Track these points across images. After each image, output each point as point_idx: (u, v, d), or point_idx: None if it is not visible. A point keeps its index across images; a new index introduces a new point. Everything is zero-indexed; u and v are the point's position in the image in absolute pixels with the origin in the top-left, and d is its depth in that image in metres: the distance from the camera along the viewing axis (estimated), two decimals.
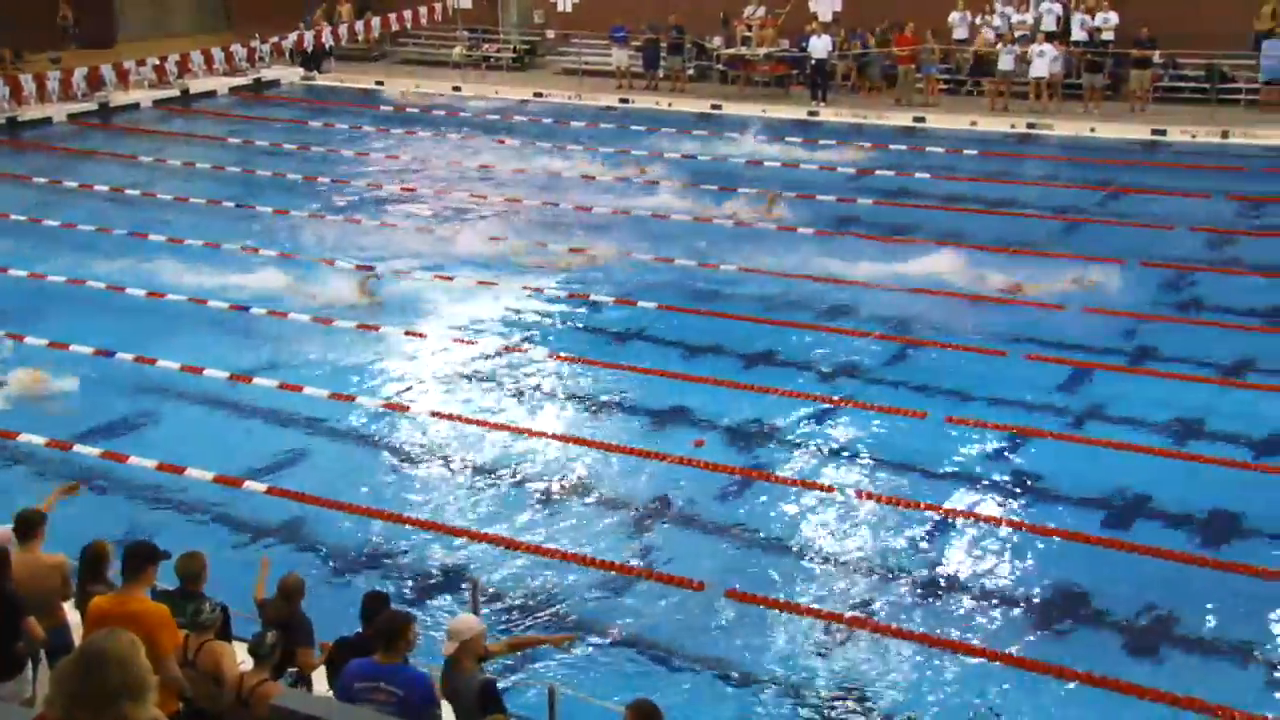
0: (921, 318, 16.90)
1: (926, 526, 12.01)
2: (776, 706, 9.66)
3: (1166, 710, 9.30)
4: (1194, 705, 9.29)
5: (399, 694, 7.07)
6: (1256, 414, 13.90)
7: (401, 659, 7.38)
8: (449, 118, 30.96)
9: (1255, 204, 21.59)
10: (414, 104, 32.44)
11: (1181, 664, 9.98)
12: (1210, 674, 9.82)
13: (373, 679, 7.17)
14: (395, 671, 7.20)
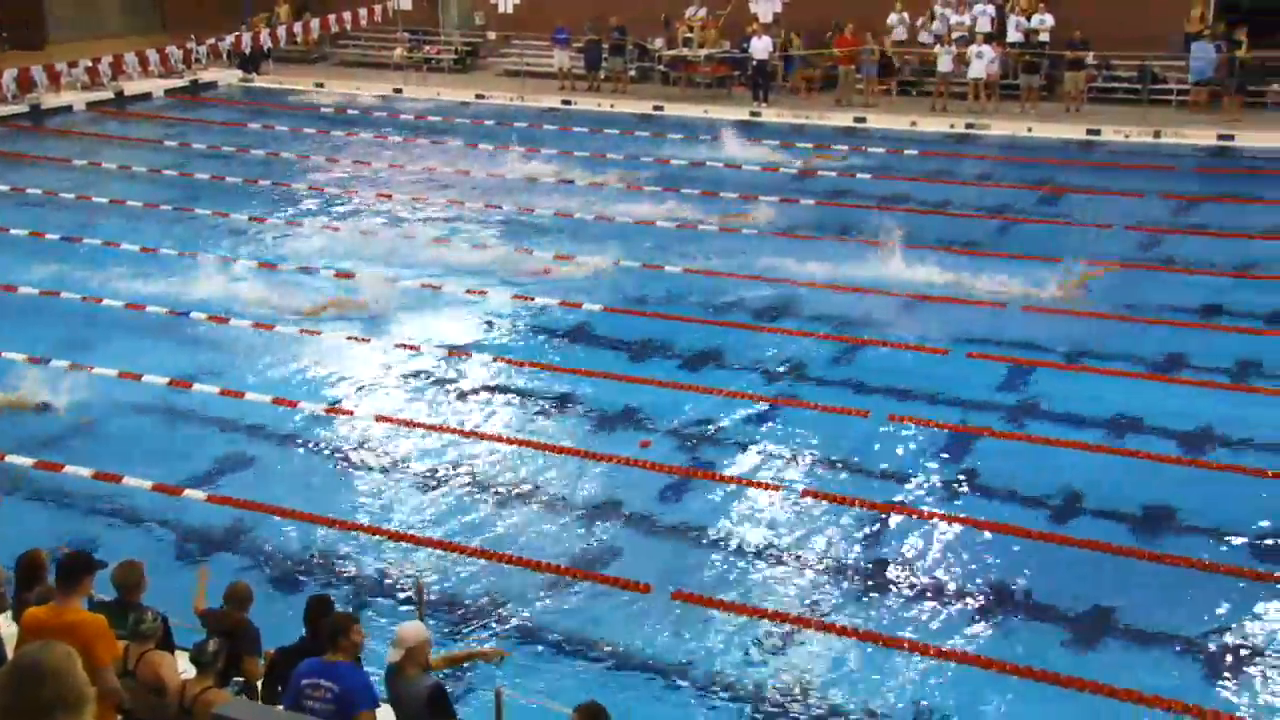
0: (864, 317, 17.03)
1: (870, 524, 12.10)
2: (724, 707, 9.68)
3: (1106, 703, 9.43)
4: (1132, 697, 9.43)
5: (335, 689, 7.17)
6: (1191, 410, 14.11)
7: (348, 658, 7.44)
8: (390, 119, 30.77)
9: (1187, 203, 21.94)
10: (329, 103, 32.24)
11: (1121, 657, 10.11)
12: (1150, 666, 9.96)
13: (316, 676, 7.28)
14: (337, 669, 7.30)
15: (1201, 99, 26.91)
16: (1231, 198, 22.11)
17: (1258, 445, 13.27)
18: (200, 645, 7.62)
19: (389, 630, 10.17)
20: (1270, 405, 14.20)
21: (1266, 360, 15.24)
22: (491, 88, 33.06)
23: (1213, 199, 22.18)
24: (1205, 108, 26.81)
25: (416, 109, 31.76)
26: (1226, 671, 9.89)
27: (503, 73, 34.80)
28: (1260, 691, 9.65)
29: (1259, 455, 13.05)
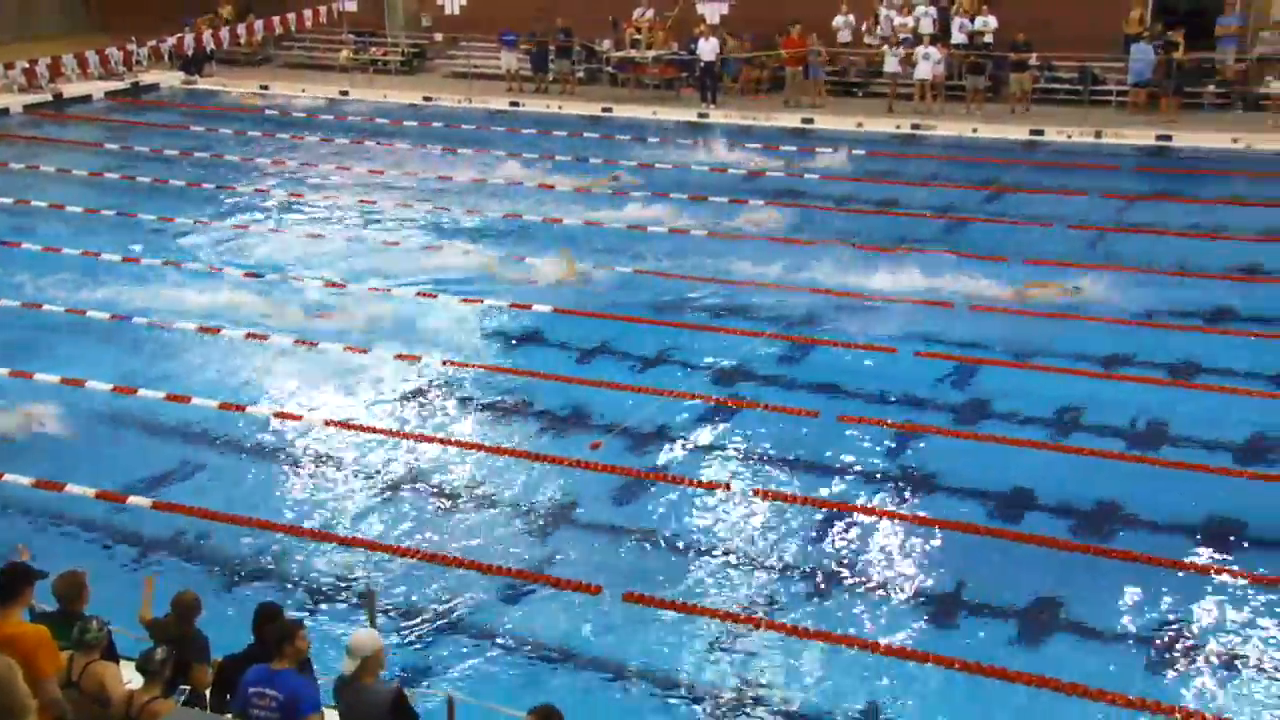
0: (813, 317, 17.10)
1: (820, 523, 12.14)
2: (677, 708, 9.68)
3: (1054, 697, 9.51)
4: (1078, 691, 9.52)
5: (279, 698, 7.21)
6: (1134, 406, 14.28)
7: (293, 665, 7.44)
8: (337, 122, 30.55)
9: (1128, 201, 22.21)
10: (274, 105, 32.00)
11: (1068, 651, 10.19)
12: (1095, 660, 10.05)
13: (262, 685, 7.30)
14: (281, 677, 7.31)
15: (1140, 100, 27.28)
16: (1170, 196, 22.41)
17: (1199, 441, 13.44)
18: (147, 654, 7.52)
19: (342, 635, 10.17)
20: (1211, 401, 14.39)
21: (1207, 357, 15.44)
22: (439, 90, 32.92)
23: (1152, 198, 22.47)
24: (1144, 108, 27.19)
25: (364, 111, 31.56)
26: (1170, 663, 10.00)
27: (450, 74, 34.66)
28: (1203, 683, 9.76)
29: (1201, 451, 13.22)
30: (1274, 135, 25.12)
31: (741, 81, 31.18)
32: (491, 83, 33.07)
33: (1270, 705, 9.49)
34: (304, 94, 33.36)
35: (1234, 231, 20.07)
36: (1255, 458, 13.11)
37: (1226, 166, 24.06)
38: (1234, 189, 22.60)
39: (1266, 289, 17.41)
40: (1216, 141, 25.23)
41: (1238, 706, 9.45)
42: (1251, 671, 9.87)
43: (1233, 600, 10.72)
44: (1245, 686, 9.71)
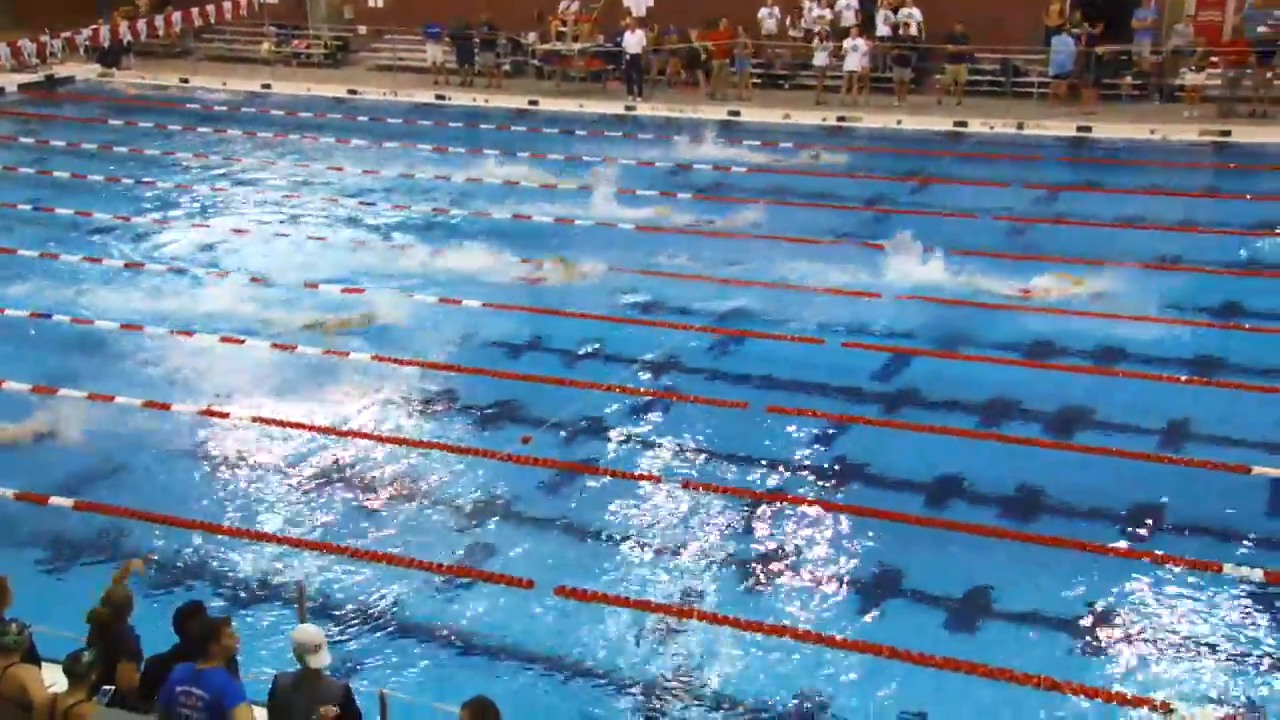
0: (741, 309, 17.16)
1: (751, 514, 12.19)
2: (611, 700, 9.68)
3: (983, 683, 9.63)
4: (1005, 675, 9.65)
5: (205, 697, 7.17)
6: (1059, 394, 14.50)
7: (220, 663, 7.38)
8: (260, 115, 30.14)
9: (1050, 192, 22.54)
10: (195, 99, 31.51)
11: (997, 636, 10.32)
12: (1024, 644, 10.19)
13: (188, 684, 7.25)
14: (208, 676, 7.26)
15: (1061, 91, 27.70)
16: (1090, 187, 22.78)
17: (1122, 427, 13.68)
18: (74, 656, 7.40)
19: (272, 633, 10.06)
20: (1132, 388, 14.65)
21: (1129, 344, 15.72)
22: (363, 83, 32.60)
23: (1073, 188, 22.81)
24: (1064, 100, 27.59)
25: (287, 105, 31.16)
26: (1097, 647, 10.17)
27: (375, 67, 34.35)
28: (1129, 665, 9.94)
29: (1124, 437, 13.45)
30: (1189, 126, 25.62)
31: (668, 74, 31.19)
32: (417, 76, 32.80)
33: (1192, 684, 9.67)
34: (225, 87, 32.88)
35: (1152, 221, 20.43)
36: (1176, 444, 13.36)
37: (1144, 156, 24.49)
38: (1151, 179, 23.01)
39: (1184, 277, 17.74)
40: (1134, 132, 25.67)
41: (1162, 687, 9.63)
42: (1174, 652, 10.05)
43: (1155, 583, 10.92)
44: (1169, 667, 9.90)
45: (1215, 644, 10.11)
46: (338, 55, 35.28)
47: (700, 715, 9.48)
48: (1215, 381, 14.71)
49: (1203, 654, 10.01)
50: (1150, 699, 9.44)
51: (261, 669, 8.73)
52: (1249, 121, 25.49)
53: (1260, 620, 10.38)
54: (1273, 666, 9.82)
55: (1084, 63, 27.31)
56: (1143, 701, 9.42)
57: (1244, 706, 9.37)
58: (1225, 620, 10.41)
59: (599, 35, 31.66)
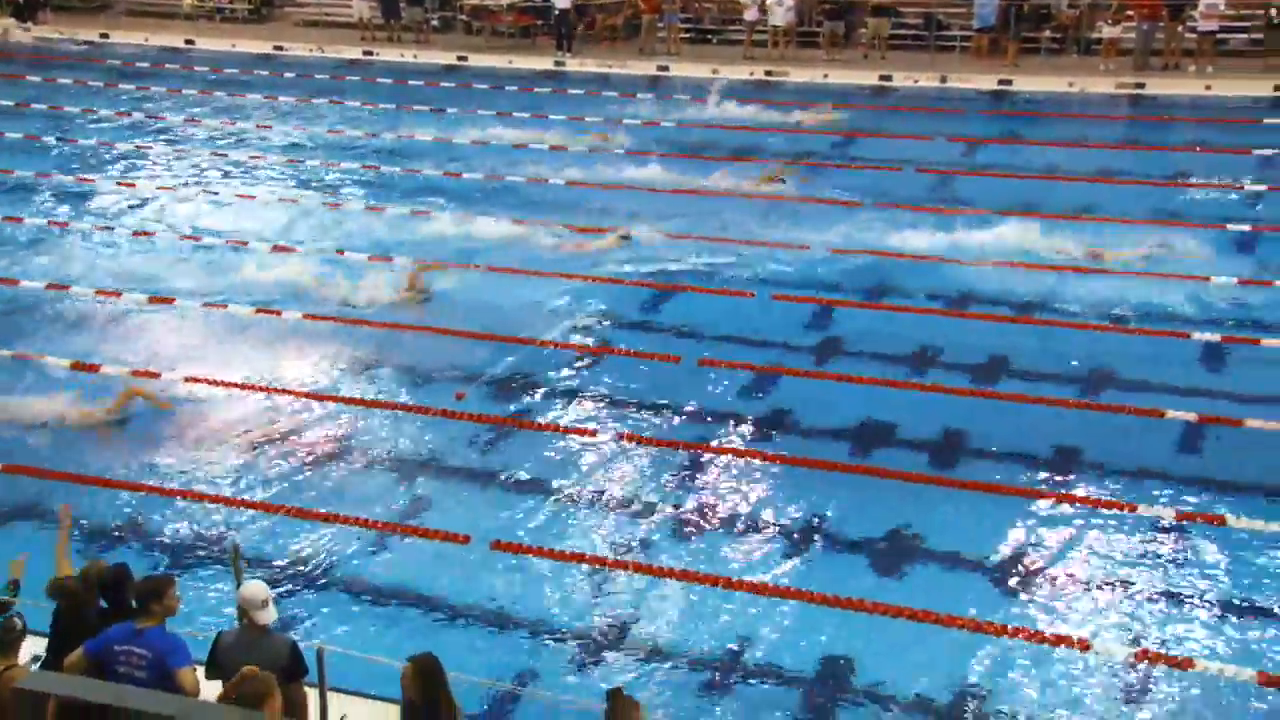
0: (673, 264, 17.14)
1: (684, 465, 12.26)
2: (550, 652, 9.71)
3: (909, 625, 9.79)
4: (930, 618, 9.82)
5: (148, 656, 7.08)
6: (979, 343, 14.68)
7: (159, 623, 7.29)
8: (184, 72, 29.50)
9: (972, 145, 22.71)
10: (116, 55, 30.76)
11: (922, 579, 10.47)
12: (947, 587, 10.35)
13: (129, 643, 7.15)
14: (149, 635, 7.17)
15: (983, 45, 27.85)
16: (1012, 139, 22.96)
17: (1043, 375, 13.89)
18: (5, 625, 7.28)
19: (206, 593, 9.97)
20: (1054, 336, 14.87)
21: (1050, 295, 15.94)
22: (290, 39, 31.99)
23: (995, 140, 22.98)
24: (986, 54, 27.75)
25: (211, 61, 30.51)
26: (1019, 587, 10.36)
27: (300, 23, 33.71)
28: (1049, 603, 10.15)
29: (1044, 384, 13.66)
30: (1106, 79, 25.90)
31: (598, 29, 30.94)
32: (344, 31, 32.25)
33: (1108, 620, 9.91)
34: (147, 43, 32.11)
35: (1071, 172, 20.67)
36: (1092, 390, 13.60)
37: (1063, 109, 24.73)
38: (1071, 131, 23.26)
39: (1102, 228, 17.98)
40: (1053, 85, 25.88)
41: (1080, 624, 9.85)
42: (1092, 590, 10.28)
43: (1074, 524, 11.13)
44: (1087, 605, 10.12)
45: (1130, 581, 10.35)
46: (262, 10, 34.56)
47: (636, 663, 9.55)
48: (1132, 329, 14.97)
49: (1119, 591, 10.25)
50: (1069, 636, 9.66)
51: (190, 629, 8.64)
52: (1162, 74, 25.81)
53: (1172, 557, 10.65)
54: (1183, 601, 10.09)
55: (1005, 17, 27.48)
56: (1062, 639, 9.64)
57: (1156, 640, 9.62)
58: (1140, 558, 10.66)
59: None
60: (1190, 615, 9.94)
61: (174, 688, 7.03)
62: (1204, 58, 25.73)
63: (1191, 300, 15.59)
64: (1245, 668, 9.27)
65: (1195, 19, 25.85)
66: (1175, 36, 26.28)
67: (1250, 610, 9.94)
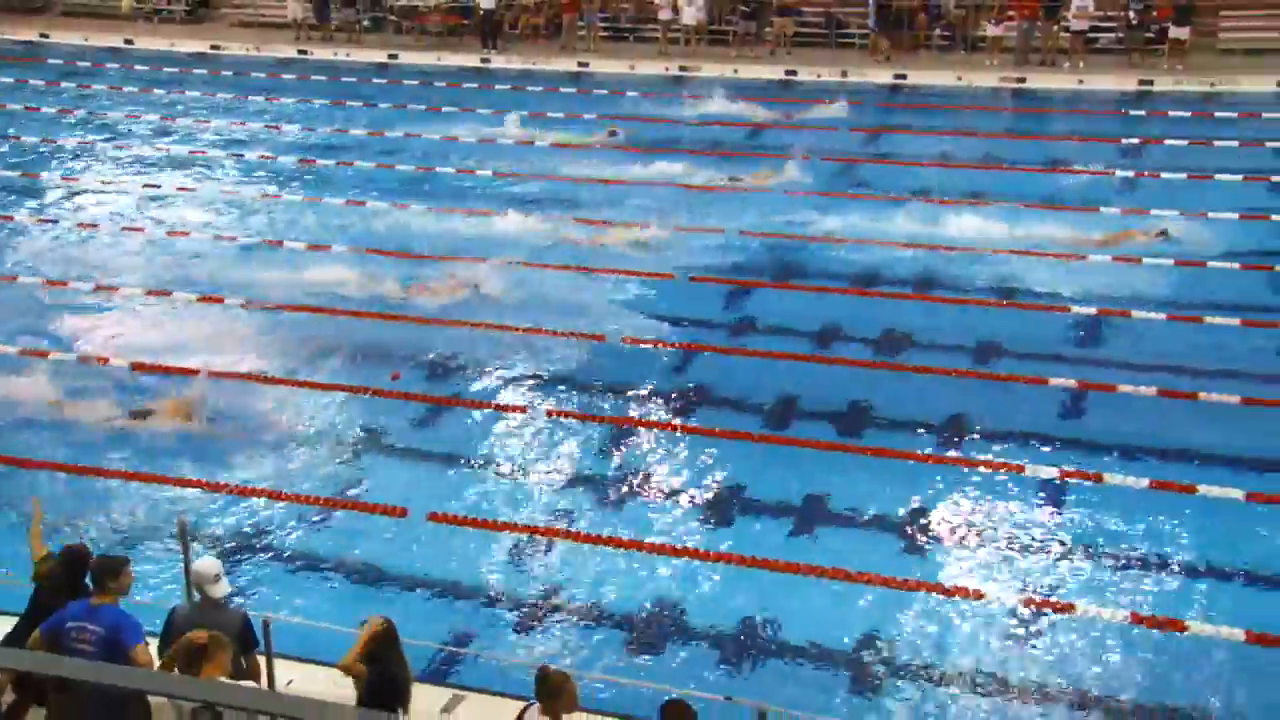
0: (597, 250, 17.03)
1: (610, 439, 12.22)
2: (486, 615, 9.67)
3: (819, 583, 9.86)
4: (841, 575, 9.90)
5: (100, 632, 6.88)
6: (882, 319, 14.79)
7: (114, 600, 7.10)
8: (124, 71, 28.70)
9: (872, 134, 22.83)
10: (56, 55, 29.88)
11: (831, 540, 10.56)
12: (855, 546, 10.44)
13: (82, 619, 6.96)
14: (102, 612, 6.98)
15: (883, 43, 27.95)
16: (907, 129, 23.09)
17: (940, 347, 14.04)
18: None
19: (156, 571, 9.75)
20: (947, 312, 15.04)
21: (943, 273, 16.10)
22: (226, 39, 31.21)
23: (892, 130, 23.11)
24: (882, 50, 27.88)
25: (150, 60, 29.72)
26: (920, 544, 10.49)
27: (236, 23, 32.89)
28: (948, 558, 10.30)
29: (940, 355, 13.82)
30: (991, 73, 26.16)
31: (521, 28, 30.62)
32: (278, 31, 31.56)
33: (1001, 572, 10.06)
34: (87, 42, 31.16)
35: (961, 160, 20.87)
36: (985, 360, 13.78)
37: (952, 101, 24.94)
38: (960, 121, 23.48)
39: (990, 210, 18.16)
40: (943, 79, 26.09)
41: (976, 576, 10.00)
42: (986, 544, 10.44)
43: (969, 485, 11.29)
44: (982, 558, 10.28)
45: (1019, 535, 10.53)
46: (198, 11, 33.68)
47: (568, 625, 9.52)
48: (1018, 304, 15.18)
49: (1009, 545, 10.41)
50: (965, 587, 9.80)
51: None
52: (1040, 69, 26.16)
53: (1057, 512, 10.84)
54: (1068, 553, 10.28)
55: (897, 16, 27.64)
56: (958, 590, 9.77)
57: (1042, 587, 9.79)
58: (1027, 514, 10.84)
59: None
60: (1072, 565, 10.14)
61: (127, 664, 6.84)
62: (1077, 55, 26.15)
63: (1071, 277, 15.84)
64: (1119, 610, 9.48)
65: (1068, 19, 26.27)
66: (1051, 35, 26.65)
67: (1124, 559, 10.17)
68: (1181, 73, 24.92)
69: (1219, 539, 10.34)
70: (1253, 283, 15.51)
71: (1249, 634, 9.11)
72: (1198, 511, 10.70)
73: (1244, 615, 9.33)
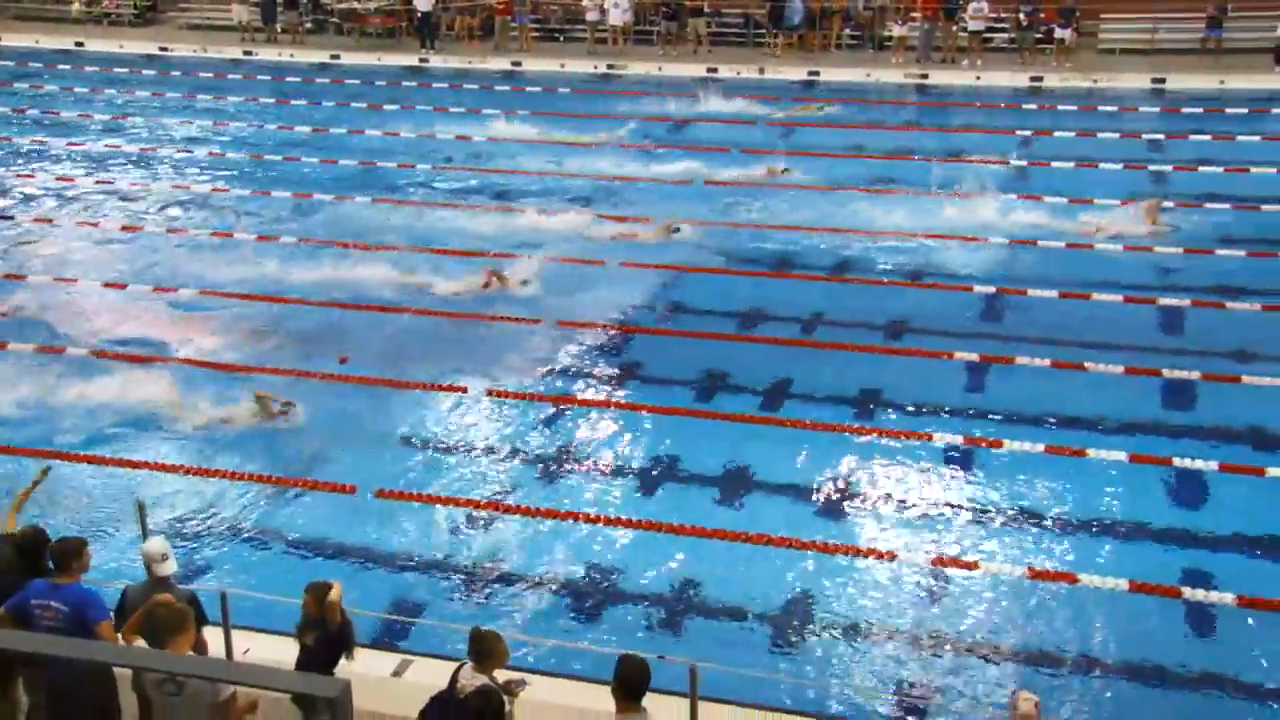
0: (531, 239, 16.88)
1: (547, 416, 12.14)
2: (430, 586, 9.58)
3: (744, 548, 9.88)
4: (763, 540, 9.94)
5: (65, 610, 6.75)
6: (800, 300, 14.84)
7: (75, 579, 6.94)
8: (75, 73, 27.91)
9: (787, 129, 22.87)
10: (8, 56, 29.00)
11: (755, 506, 10.60)
12: (777, 512, 10.49)
13: (46, 597, 6.80)
14: (66, 590, 6.84)
15: (793, 42, 28.07)
16: (821, 123, 23.16)
17: (852, 324, 14.13)
18: None
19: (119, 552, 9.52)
20: (860, 294, 15.13)
21: (856, 256, 16.20)
22: (174, 41, 30.49)
23: (806, 124, 23.14)
24: (796, 48, 27.99)
25: (101, 61, 28.92)
26: (837, 510, 10.55)
27: (184, 26, 32.12)
28: (862, 522, 10.38)
29: (853, 332, 13.90)
30: (896, 70, 26.35)
31: (457, 30, 30.24)
32: (224, 34, 30.86)
33: (912, 534, 10.18)
34: (38, 44, 30.24)
35: (872, 151, 20.99)
36: (893, 337, 13.90)
37: (863, 96, 25.07)
38: (870, 115, 23.62)
39: (900, 200, 18.30)
40: (853, 76, 26.22)
41: (889, 539, 10.10)
42: (898, 509, 10.54)
43: (881, 454, 11.37)
44: (894, 521, 10.38)
45: (927, 498, 10.64)
46: (147, 15, 32.84)
47: (510, 594, 9.46)
48: (924, 284, 15.33)
49: (918, 508, 10.52)
50: (878, 549, 9.89)
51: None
52: (941, 67, 26.39)
53: (962, 478, 10.98)
54: (970, 514, 10.41)
55: (811, 17, 27.73)
56: (872, 551, 9.87)
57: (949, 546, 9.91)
58: (935, 479, 10.97)
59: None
60: (975, 525, 10.27)
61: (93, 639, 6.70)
62: (974, 53, 26.43)
63: (972, 259, 16.03)
64: (1018, 566, 9.63)
65: (966, 21, 26.54)
66: (951, 35, 26.91)
67: (1022, 518, 10.32)
68: (1068, 70, 25.31)
69: (1105, 498, 10.53)
70: (1135, 263, 15.80)
71: (1132, 584, 9.30)
72: (1086, 474, 10.88)
73: (1127, 567, 9.53)
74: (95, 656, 6.18)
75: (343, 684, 4.05)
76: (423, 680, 7.73)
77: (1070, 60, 25.64)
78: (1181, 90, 23.72)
